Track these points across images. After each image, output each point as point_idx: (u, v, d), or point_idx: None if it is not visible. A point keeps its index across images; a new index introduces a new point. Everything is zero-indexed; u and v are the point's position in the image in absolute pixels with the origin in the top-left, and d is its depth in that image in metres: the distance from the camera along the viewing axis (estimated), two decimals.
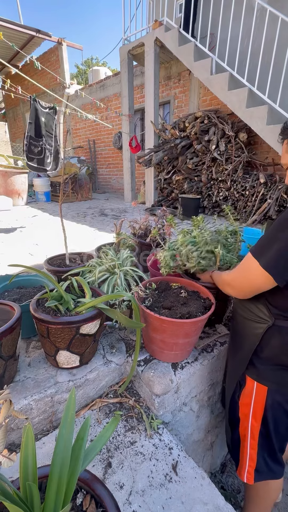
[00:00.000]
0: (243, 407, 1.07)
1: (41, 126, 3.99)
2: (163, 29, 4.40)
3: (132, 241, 1.75)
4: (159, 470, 0.96)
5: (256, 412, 1.02)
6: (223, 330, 1.48)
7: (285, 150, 0.90)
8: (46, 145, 4.07)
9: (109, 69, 11.08)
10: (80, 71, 23.18)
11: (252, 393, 1.02)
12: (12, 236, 3.34)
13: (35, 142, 3.99)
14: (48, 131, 4.08)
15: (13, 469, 0.90)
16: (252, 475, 1.07)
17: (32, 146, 3.99)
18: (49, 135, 4.09)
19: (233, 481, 1.69)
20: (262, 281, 0.86)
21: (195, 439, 1.40)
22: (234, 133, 4.15)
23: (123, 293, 1.13)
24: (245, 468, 1.09)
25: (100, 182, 8.76)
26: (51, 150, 4.12)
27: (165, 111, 6.31)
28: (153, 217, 2.07)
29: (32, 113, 3.93)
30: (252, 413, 1.03)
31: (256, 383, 1.00)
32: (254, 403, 1.02)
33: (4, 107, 12.30)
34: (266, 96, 3.48)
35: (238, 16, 3.68)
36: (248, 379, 1.03)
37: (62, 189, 1.50)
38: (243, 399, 1.07)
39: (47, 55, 8.36)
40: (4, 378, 1.01)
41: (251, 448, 1.07)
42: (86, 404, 1.18)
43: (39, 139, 4.01)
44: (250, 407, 1.04)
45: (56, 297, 1.13)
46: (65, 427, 0.58)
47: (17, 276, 1.45)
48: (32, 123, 3.94)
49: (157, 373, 1.16)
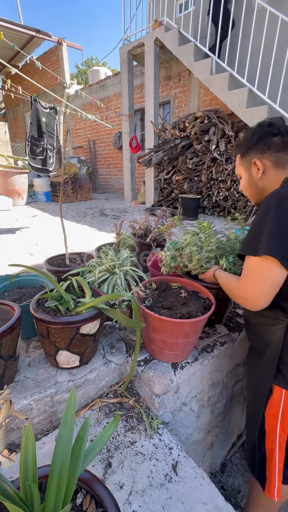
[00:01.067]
0: (270, 418, 0.98)
1: (42, 126, 3.98)
2: (163, 29, 4.40)
3: (132, 241, 1.75)
4: (159, 470, 0.96)
5: (284, 423, 0.95)
6: (223, 330, 1.48)
7: (238, 163, 1.07)
8: (47, 145, 4.06)
9: (109, 69, 11.08)
10: (80, 71, 23.17)
11: (280, 403, 0.94)
12: (12, 236, 3.34)
13: (36, 142, 3.98)
14: (49, 131, 4.08)
15: (13, 469, 0.90)
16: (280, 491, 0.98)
17: (34, 146, 3.99)
18: (51, 135, 4.09)
19: (233, 481, 1.69)
20: (273, 271, 0.80)
21: (195, 439, 1.40)
22: (234, 133, 4.15)
23: (123, 293, 1.13)
24: (274, 485, 0.98)
25: (100, 182, 8.76)
26: (53, 151, 4.12)
27: (165, 111, 6.31)
28: (153, 217, 2.07)
29: (33, 114, 3.92)
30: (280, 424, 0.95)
31: (284, 391, 0.93)
32: (282, 412, 0.94)
33: (4, 107, 12.30)
34: (266, 96, 3.48)
35: (238, 16, 3.68)
36: (275, 388, 0.95)
37: (62, 189, 1.50)
38: (269, 410, 0.98)
39: (47, 55, 8.37)
40: (4, 378, 1.01)
41: (279, 462, 0.98)
42: (86, 404, 1.18)
43: (41, 139, 4.01)
44: (278, 418, 0.95)
45: (56, 297, 1.13)
46: (65, 427, 0.58)
47: (17, 276, 1.44)
48: (33, 123, 3.93)
49: (157, 373, 1.16)
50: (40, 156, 4.06)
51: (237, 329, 1.52)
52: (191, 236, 1.34)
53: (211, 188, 4.65)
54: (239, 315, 1.67)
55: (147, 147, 5.31)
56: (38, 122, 3.95)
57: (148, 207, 5.42)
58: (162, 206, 3.86)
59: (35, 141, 3.97)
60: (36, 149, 4.00)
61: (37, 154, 4.02)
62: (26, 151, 4.00)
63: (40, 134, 3.99)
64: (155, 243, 1.91)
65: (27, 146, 3.97)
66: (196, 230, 1.44)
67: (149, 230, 2.05)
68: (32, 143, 3.97)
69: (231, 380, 1.56)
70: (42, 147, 4.02)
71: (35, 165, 4.05)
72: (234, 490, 1.65)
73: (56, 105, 4.21)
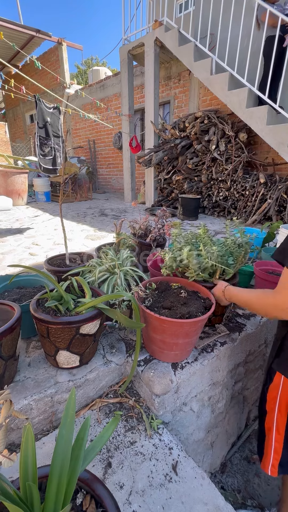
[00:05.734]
0: (270, 400, 1.08)
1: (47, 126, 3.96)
2: (163, 29, 4.40)
3: (132, 241, 1.75)
4: (159, 470, 0.96)
5: (281, 406, 1.03)
6: (223, 330, 1.48)
7: None
8: (55, 145, 4.03)
9: (109, 69, 11.07)
10: (80, 71, 23.16)
11: (279, 387, 1.03)
12: (12, 236, 3.34)
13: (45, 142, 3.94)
14: (54, 131, 4.05)
15: (13, 469, 0.90)
16: (276, 468, 1.09)
17: (44, 146, 3.95)
18: (56, 135, 4.07)
19: (233, 481, 1.69)
20: None
21: (195, 439, 1.40)
22: (234, 133, 4.15)
23: (123, 293, 1.13)
24: (269, 461, 1.10)
25: (100, 182, 8.76)
26: (60, 150, 4.09)
27: (165, 111, 6.31)
28: (153, 217, 2.07)
29: (38, 113, 3.90)
30: (278, 407, 1.04)
31: (283, 377, 1.01)
32: (280, 397, 1.03)
33: (4, 107, 12.30)
34: (266, 96, 3.48)
35: (238, 16, 3.68)
36: (277, 373, 1.04)
37: (62, 189, 1.50)
38: (270, 393, 1.08)
39: (47, 55, 8.37)
40: (4, 378, 1.01)
41: (276, 442, 1.08)
42: (86, 404, 1.18)
43: (48, 138, 3.97)
44: (276, 401, 1.05)
45: (56, 297, 1.13)
46: (65, 427, 0.58)
47: (17, 276, 1.44)
48: (39, 123, 3.91)
49: (157, 373, 1.16)
50: (49, 156, 4.03)
51: (237, 329, 1.52)
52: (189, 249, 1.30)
53: (211, 188, 4.65)
54: (239, 315, 1.67)
55: (147, 147, 5.31)
56: (44, 122, 3.93)
57: (148, 207, 5.42)
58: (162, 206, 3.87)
59: (44, 140, 3.94)
60: (45, 148, 3.97)
61: (46, 154, 3.99)
62: (36, 152, 3.95)
63: (47, 133, 3.97)
64: (155, 243, 1.91)
65: (37, 146, 3.94)
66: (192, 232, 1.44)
67: (149, 230, 2.05)
68: (41, 143, 3.93)
69: (231, 380, 1.56)
70: (50, 147, 4.00)
71: (45, 166, 4.00)
72: (234, 490, 1.65)
73: (58, 105, 4.20)
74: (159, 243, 1.97)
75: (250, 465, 1.77)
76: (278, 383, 1.03)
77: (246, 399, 1.81)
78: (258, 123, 3.53)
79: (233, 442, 1.81)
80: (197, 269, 1.25)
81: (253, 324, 1.59)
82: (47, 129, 3.94)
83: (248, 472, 1.74)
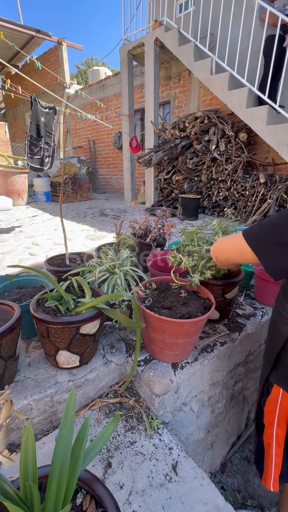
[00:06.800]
0: (268, 414, 1.04)
1: (40, 126, 4.01)
2: (163, 29, 4.40)
3: (132, 241, 1.75)
4: (159, 470, 0.96)
5: (280, 419, 1.00)
6: (223, 330, 1.48)
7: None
8: (44, 144, 4.09)
9: (109, 69, 11.07)
10: (80, 71, 23.16)
11: (277, 400, 0.99)
12: (13, 236, 3.34)
13: (35, 142, 4.00)
14: (47, 130, 4.11)
15: (13, 469, 0.90)
16: (278, 482, 1.05)
17: (33, 146, 4.02)
18: (48, 135, 4.12)
19: (233, 481, 1.69)
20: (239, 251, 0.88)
21: (195, 439, 1.40)
22: (234, 133, 4.15)
23: (123, 293, 1.13)
24: (270, 477, 1.05)
25: (100, 182, 8.76)
26: (49, 150, 4.15)
27: (165, 111, 6.31)
28: (153, 217, 2.07)
29: (33, 114, 3.94)
30: (277, 421, 1.01)
31: (281, 390, 0.97)
32: (279, 410, 0.99)
33: (4, 107, 12.30)
34: (266, 96, 3.47)
35: (238, 16, 3.68)
36: (274, 386, 1.00)
37: (62, 189, 1.50)
38: (268, 406, 1.04)
39: (47, 55, 8.36)
40: (4, 378, 1.01)
41: (277, 456, 1.04)
42: (86, 404, 1.18)
43: (39, 138, 4.03)
44: (275, 415, 1.01)
45: (56, 297, 1.13)
46: (65, 427, 0.58)
47: (17, 276, 1.44)
48: (32, 123, 3.96)
49: (157, 373, 1.16)
50: (38, 156, 4.09)
51: (237, 329, 1.52)
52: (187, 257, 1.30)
53: (211, 188, 4.65)
54: (239, 315, 1.67)
55: (147, 147, 5.31)
56: (37, 122, 3.98)
57: (148, 207, 5.42)
58: (162, 206, 3.86)
59: (34, 141, 4.00)
60: (34, 148, 4.03)
61: (34, 153, 4.06)
62: (26, 151, 4.04)
63: (39, 134, 4.03)
64: (155, 243, 1.91)
65: (26, 145, 4.01)
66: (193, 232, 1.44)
67: (149, 230, 2.05)
68: (31, 142, 4.00)
69: (231, 380, 1.56)
70: (39, 147, 4.06)
71: (32, 165, 4.09)
72: (234, 490, 1.65)
73: (55, 105, 4.22)
74: (159, 243, 1.97)
75: (250, 465, 1.77)
76: (276, 396, 0.99)
77: (246, 399, 1.81)
78: (258, 123, 3.53)
79: (233, 442, 1.81)
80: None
81: (253, 324, 1.59)
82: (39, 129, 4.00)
83: (248, 472, 1.74)
